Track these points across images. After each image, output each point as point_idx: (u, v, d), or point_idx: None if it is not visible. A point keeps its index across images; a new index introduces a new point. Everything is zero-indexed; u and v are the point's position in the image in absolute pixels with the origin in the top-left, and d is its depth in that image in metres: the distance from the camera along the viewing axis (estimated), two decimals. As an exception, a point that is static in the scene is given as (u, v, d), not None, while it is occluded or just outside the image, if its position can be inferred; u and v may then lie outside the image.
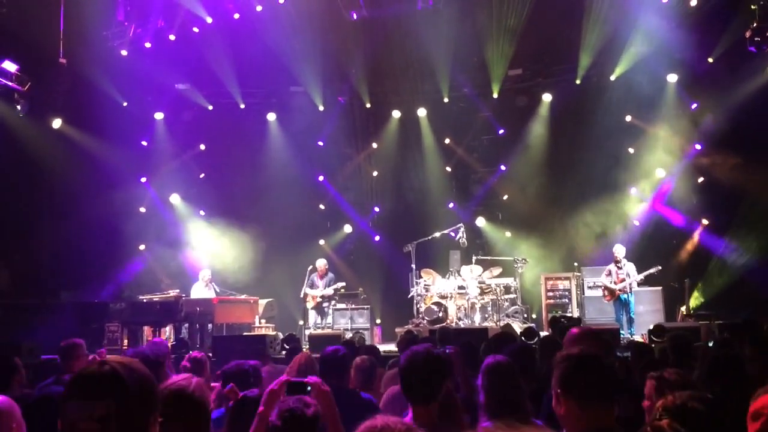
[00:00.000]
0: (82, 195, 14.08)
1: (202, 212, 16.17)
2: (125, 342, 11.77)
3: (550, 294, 13.99)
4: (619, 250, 12.49)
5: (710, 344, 6.73)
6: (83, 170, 14.01)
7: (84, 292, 13.58)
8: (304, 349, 8.15)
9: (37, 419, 3.20)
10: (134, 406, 1.74)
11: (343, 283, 13.84)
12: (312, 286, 13.62)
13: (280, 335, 11.37)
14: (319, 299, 13.55)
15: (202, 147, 16.55)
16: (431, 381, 3.17)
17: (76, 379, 1.77)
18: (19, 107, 13.08)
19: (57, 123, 14.09)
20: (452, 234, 13.85)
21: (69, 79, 14.02)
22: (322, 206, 16.87)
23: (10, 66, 12.73)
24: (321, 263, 13.74)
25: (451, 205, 16.39)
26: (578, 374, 2.60)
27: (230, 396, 3.67)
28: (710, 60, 13.40)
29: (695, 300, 13.21)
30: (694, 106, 14.13)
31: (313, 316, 13.68)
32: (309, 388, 3.15)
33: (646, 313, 12.58)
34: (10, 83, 12.87)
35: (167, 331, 12.30)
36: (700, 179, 14.12)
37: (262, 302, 13.86)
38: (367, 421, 2.15)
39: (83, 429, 1.68)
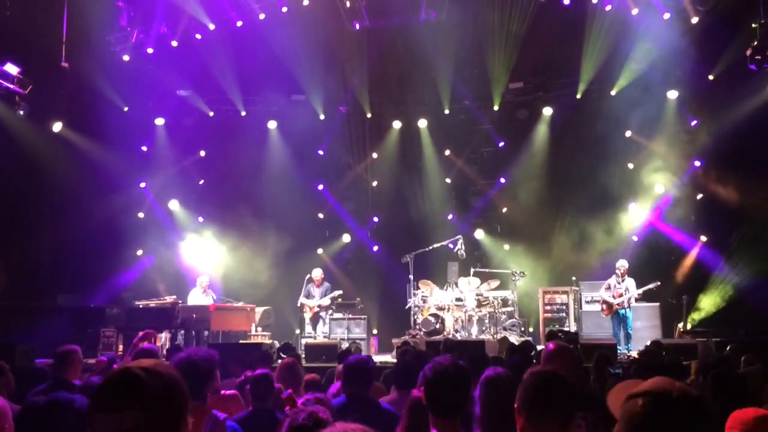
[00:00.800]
0: (81, 199, 14.06)
1: (200, 219, 16.14)
2: (120, 348, 11.72)
3: (548, 308, 13.96)
4: (623, 265, 12.49)
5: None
6: (83, 174, 13.99)
7: (81, 296, 13.54)
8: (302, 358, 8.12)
9: (41, 426, 3.16)
10: (162, 413, 1.71)
11: (340, 291, 13.84)
12: (308, 296, 13.59)
13: (276, 343, 11.34)
14: (316, 309, 13.53)
15: (202, 153, 16.54)
16: (459, 393, 3.11)
17: (101, 389, 1.74)
18: (20, 110, 13.10)
19: (58, 126, 14.09)
20: (451, 245, 13.83)
21: (71, 82, 14.05)
22: (321, 215, 16.86)
23: (12, 69, 12.75)
24: (317, 273, 13.72)
25: (450, 216, 16.38)
26: (529, 393, 2.62)
27: (287, 402, 3.64)
28: (711, 77, 13.46)
29: (693, 317, 13.19)
30: (694, 122, 14.17)
31: (310, 326, 13.65)
32: None
33: (644, 328, 12.56)
34: (11, 86, 12.89)
35: (163, 338, 12.24)
36: (699, 196, 14.13)
37: (259, 310, 13.80)
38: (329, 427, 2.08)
39: None
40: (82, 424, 3.08)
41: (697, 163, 14.15)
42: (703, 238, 14.03)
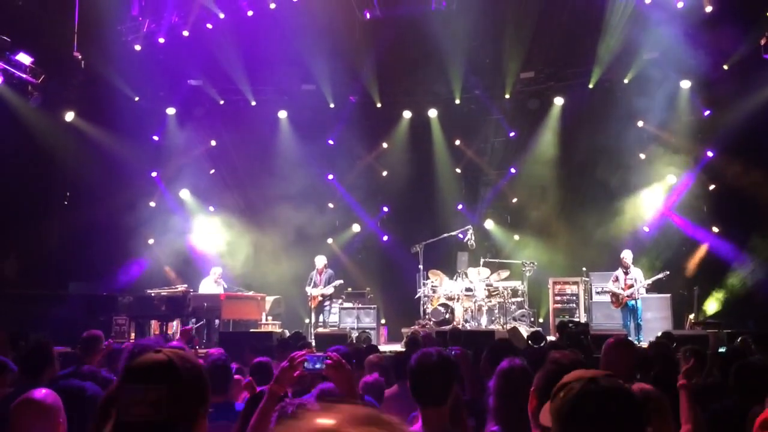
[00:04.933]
0: (92, 188, 14.15)
1: (211, 208, 16.20)
2: (132, 335, 11.82)
3: (558, 298, 13.94)
4: (628, 256, 12.44)
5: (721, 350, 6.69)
6: (94, 163, 14.08)
7: (93, 284, 13.63)
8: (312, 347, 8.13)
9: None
10: (186, 395, 1.82)
11: (341, 280, 13.80)
12: (314, 285, 13.60)
13: (287, 333, 11.39)
14: (319, 299, 13.54)
15: (213, 143, 16.57)
16: (443, 383, 3.10)
17: (132, 365, 1.87)
18: (32, 99, 13.17)
19: (70, 116, 14.17)
20: (461, 236, 13.83)
21: (82, 72, 14.11)
22: (331, 205, 16.87)
23: (24, 58, 12.82)
24: (319, 262, 13.69)
25: (460, 206, 16.36)
26: (544, 377, 2.61)
27: (247, 389, 3.68)
28: (725, 67, 13.32)
29: (704, 308, 13.13)
30: (707, 112, 14.05)
31: (314, 315, 13.70)
32: (327, 361, 2.98)
33: (654, 320, 12.50)
34: (24, 75, 12.97)
35: (174, 326, 12.34)
36: (712, 187, 14.03)
37: (269, 299, 13.87)
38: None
39: (136, 413, 1.76)
40: (92, 410, 3.11)
41: (710, 154, 14.03)
42: (715, 229, 13.94)
